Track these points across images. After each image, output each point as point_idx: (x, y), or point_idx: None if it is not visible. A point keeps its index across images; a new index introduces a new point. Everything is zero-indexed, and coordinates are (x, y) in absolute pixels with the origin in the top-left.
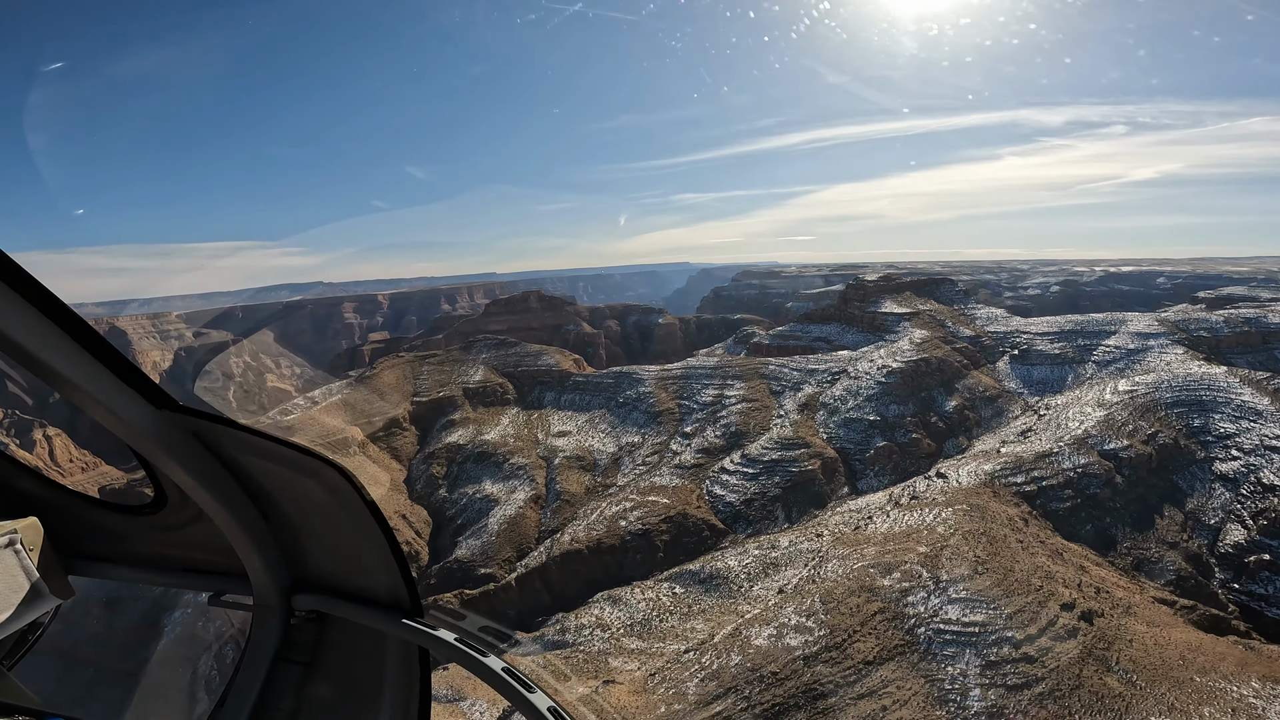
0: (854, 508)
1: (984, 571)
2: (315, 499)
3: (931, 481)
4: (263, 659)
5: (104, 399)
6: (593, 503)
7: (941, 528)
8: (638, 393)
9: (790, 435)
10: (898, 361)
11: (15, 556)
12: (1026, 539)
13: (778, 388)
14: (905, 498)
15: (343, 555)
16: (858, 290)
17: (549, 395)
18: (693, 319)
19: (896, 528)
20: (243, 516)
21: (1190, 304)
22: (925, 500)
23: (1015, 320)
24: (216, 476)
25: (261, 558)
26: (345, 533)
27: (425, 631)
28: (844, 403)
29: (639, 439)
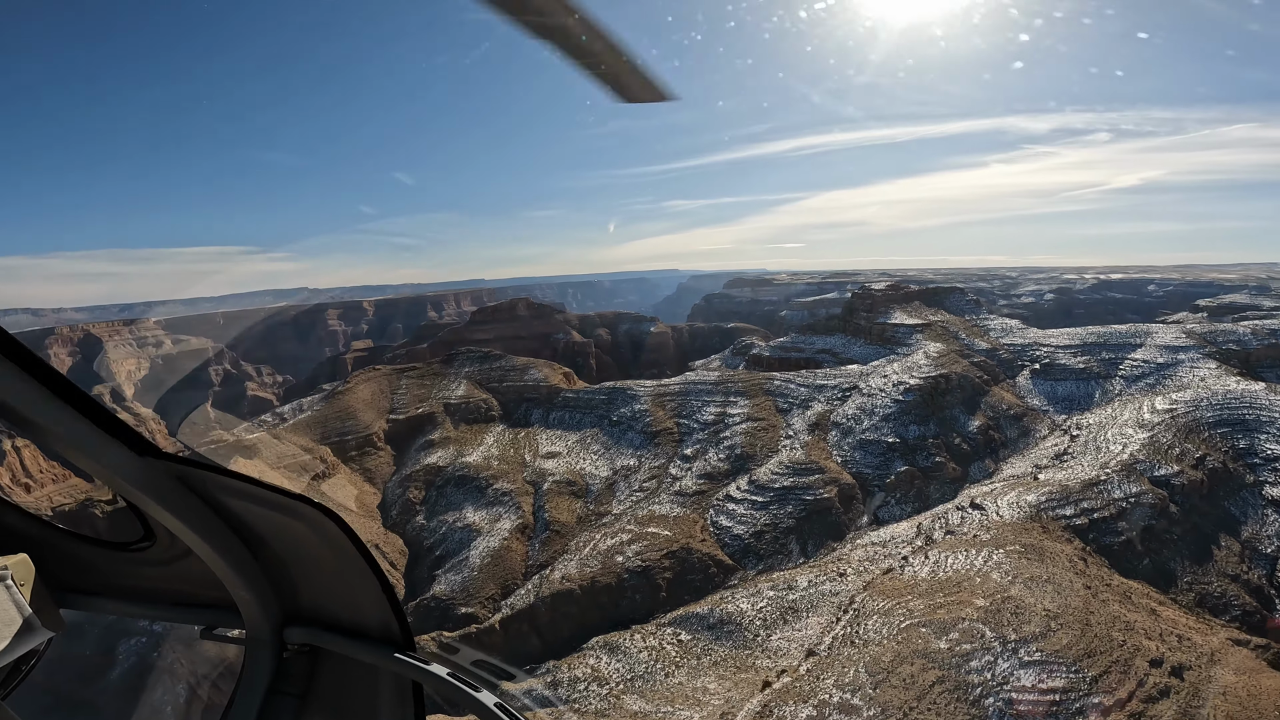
0: (877, 540)
1: (1059, 627)
2: (303, 538)
3: (967, 514)
4: (256, 691)
5: (87, 449)
6: (585, 534)
7: (997, 574)
8: (633, 410)
9: (802, 459)
10: (915, 378)
11: (6, 592)
12: (1092, 583)
13: (784, 405)
14: (938, 531)
15: (333, 590)
16: (864, 300)
17: (536, 412)
18: (685, 328)
19: (941, 572)
20: (231, 555)
21: (1191, 312)
22: (964, 536)
23: (1032, 332)
24: (203, 518)
25: (252, 592)
26: (335, 569)
27: (418, 665)
28: (858, 422)
29: (635, 462)
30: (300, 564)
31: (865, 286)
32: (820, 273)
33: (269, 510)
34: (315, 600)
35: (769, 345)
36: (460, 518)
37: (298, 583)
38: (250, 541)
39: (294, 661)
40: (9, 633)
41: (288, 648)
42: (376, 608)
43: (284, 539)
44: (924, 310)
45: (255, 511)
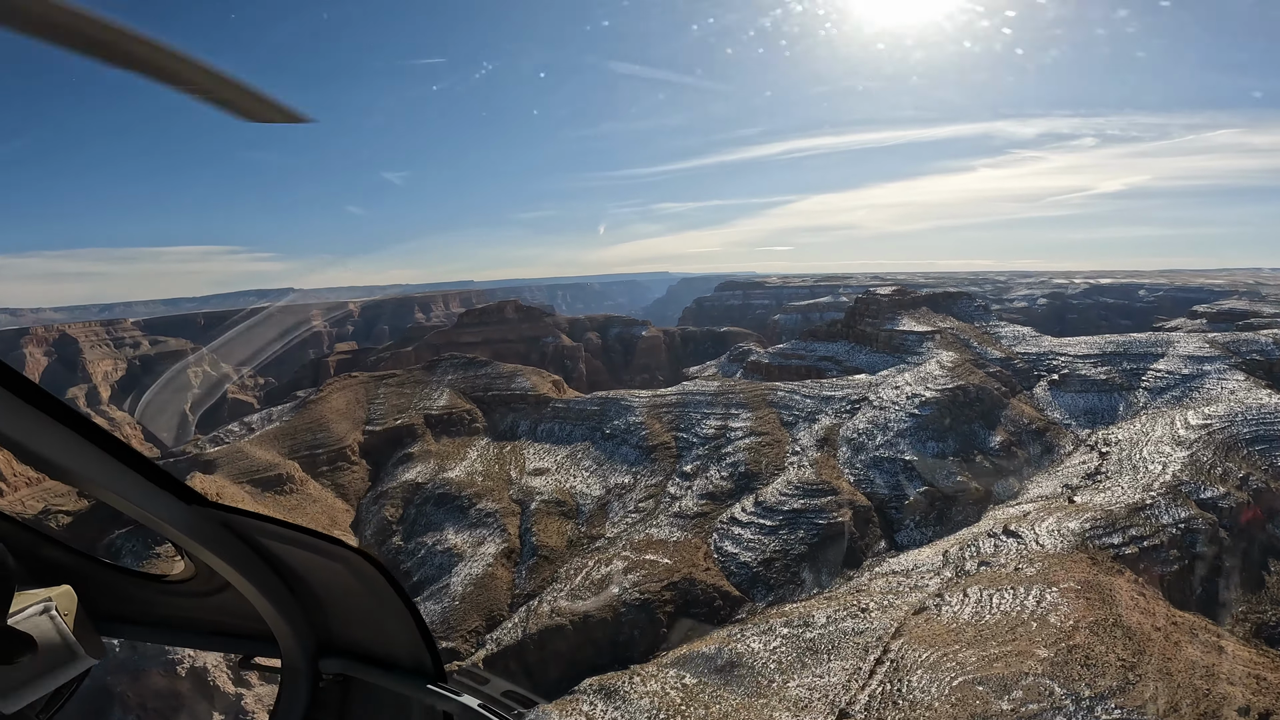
0: (898, 569)
1: (1137, 679)
2: (340, 577)
3: (1001, 542)
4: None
5: (138, 501)
6: (576, 559)
7: (1055, 616)
8: (627, 422)
9: (812, 478)
10: (930, 390)
11: (51, 622)
12: (1160, 622)
13: (789, 418)
14: (969, 561)
15: (367, 623)
16: (869, 305)
17: (524, 424)
18: (677, 331)
19: (987, 614)
20: (270, 591)
21: (1189, 318)
22: (1003, 569)
23: (1047, 340)
24: (245, 558)
25: (288, 624)
26: (369, 604)
27: (449, 697)
28: (870, 438)
29: (629, 479)
30: (336, 600)
31: (869, 291)
32: (811, 275)
33: (309, 553)
34: (350, 632)
35: (768, 352)
36: (440, 540)
37: (332, 616)
38: (288, 579)
39: (328, 691)
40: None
41: (323, 678)
42: (409, 640)
43: (323, 578)
44: (932, 316)
45: (296, 553)
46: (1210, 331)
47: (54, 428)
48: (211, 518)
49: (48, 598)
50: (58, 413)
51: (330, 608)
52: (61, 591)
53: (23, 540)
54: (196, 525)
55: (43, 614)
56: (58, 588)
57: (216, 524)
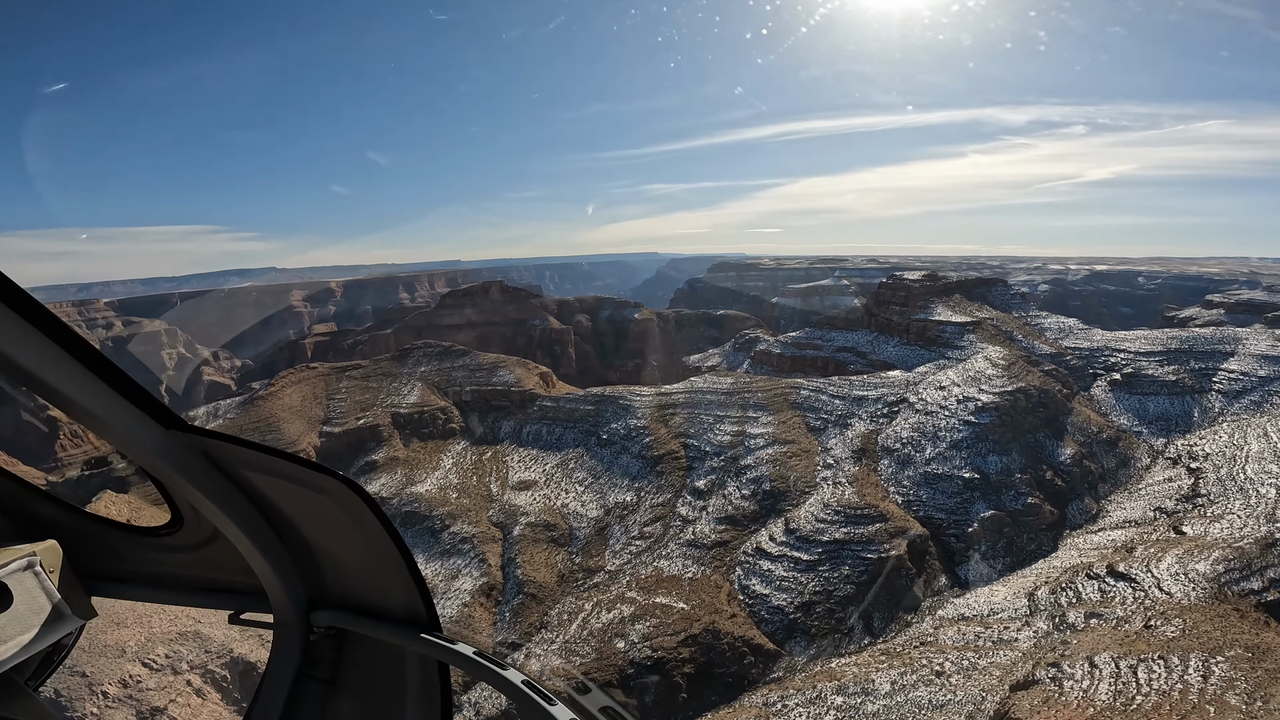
0: (970, 614)
1: None
2: (329, 515)
3: (1109, 586)
4: (285, 676)
5: (113, 421)
6: (570, 600)
7: (1234, 696)
8: (627, 426)
9: (853, 500)
10: (988, 393)
11: (35, 579)
12: None
13: (817, 422)
14: (1072, 612)
15: (359, 572)
16: (895, 291)
17: (507, 425)
18: (671, 314)
19: (1137, 696)
20: (258, 536)
21: (1204, 308)
22: (1128, 627)
23: (1098, 333)
24: (229, 495)
25: (279, 576)
26: (360, 549)
27: (443, 645)
28: (918, 449)
29: (632, 496)
30: (326, 545)
31: (896, 275)
32: (806, 258)
33: (295, 485)
34: (341, 583)
35: (779, 340)
36: None
37: (324, 565)
38: (276, 522)
39: (321, 645)
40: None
41: (314, 631)
42: (402, 589)
43: (310, 517)
44: (966, 305)
45: (281, 487)
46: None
47: (29, 331)
48: (191, 445)
49: (32, 552)
50: (33, 315)
51: (320, 554)
52: (46, 547)
53: (9, 493)
54: (176, 454)
55: (26, 569)
56: (42, 543)
57: (196, 452)
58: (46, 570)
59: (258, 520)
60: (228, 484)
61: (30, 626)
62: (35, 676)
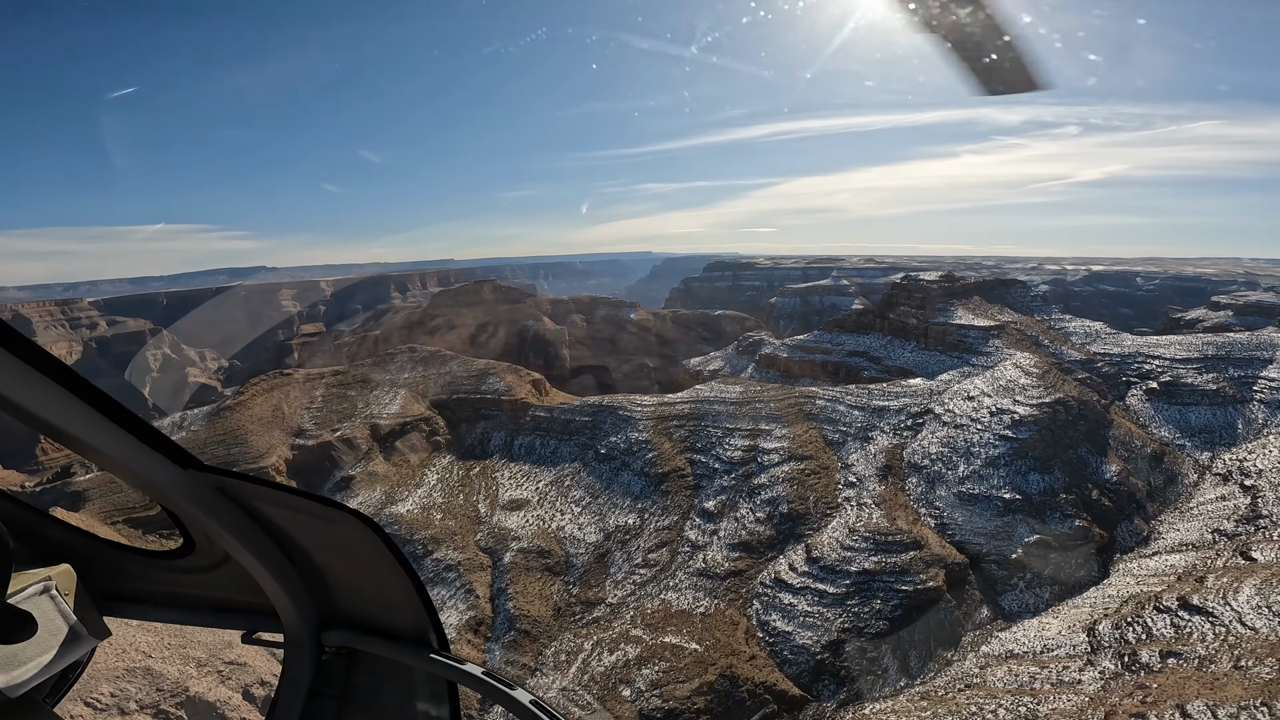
0: (1018, 650)
1: None
2: (339, 544)
3: (1182, 620)
4: (297, 694)
5: (131, 464)
6: (568, 636)
7: None
8: (627, 439)
9: (882, 524)
10: (1024, 404)
11: (52, 602)
12: None
13: (835, 435)
14: (1144, 650)
15: (369, 593)
16: (910, 293)
17: (497, 437)
18: (668, 314)
19: None
20: (270, 561)
21: (1211, 309)
22: (1214, 668)
23: (1128, 338)
24: (243, 526)
25: (290, 597)
26: (370, 572)
27: (452, 665)
28: (950, 466)
29: (634, 518)
30: (337, 568)
31: (910, 276)
32: (804, 257)
33: (307, 518)
34: (351, 603)
35: (785, 344)
36: None
37: (334, 587)
38: (287, 547)
39: (332, 664)
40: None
41: (326, 650)
42: (410, 609)
43: (322, 544)
44: (986, 307)
45: (293, 518)
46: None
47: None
48: (206, 482)
49: (47, 577)
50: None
51: (331, 577)
52: (61, 570)
53: (22, 519)
54: (191, 490)
55: (42, 593)
56: (57, 567)
57: (211, 489)
58: (61, 593)
59: (269, 546)
60: (242, 516)
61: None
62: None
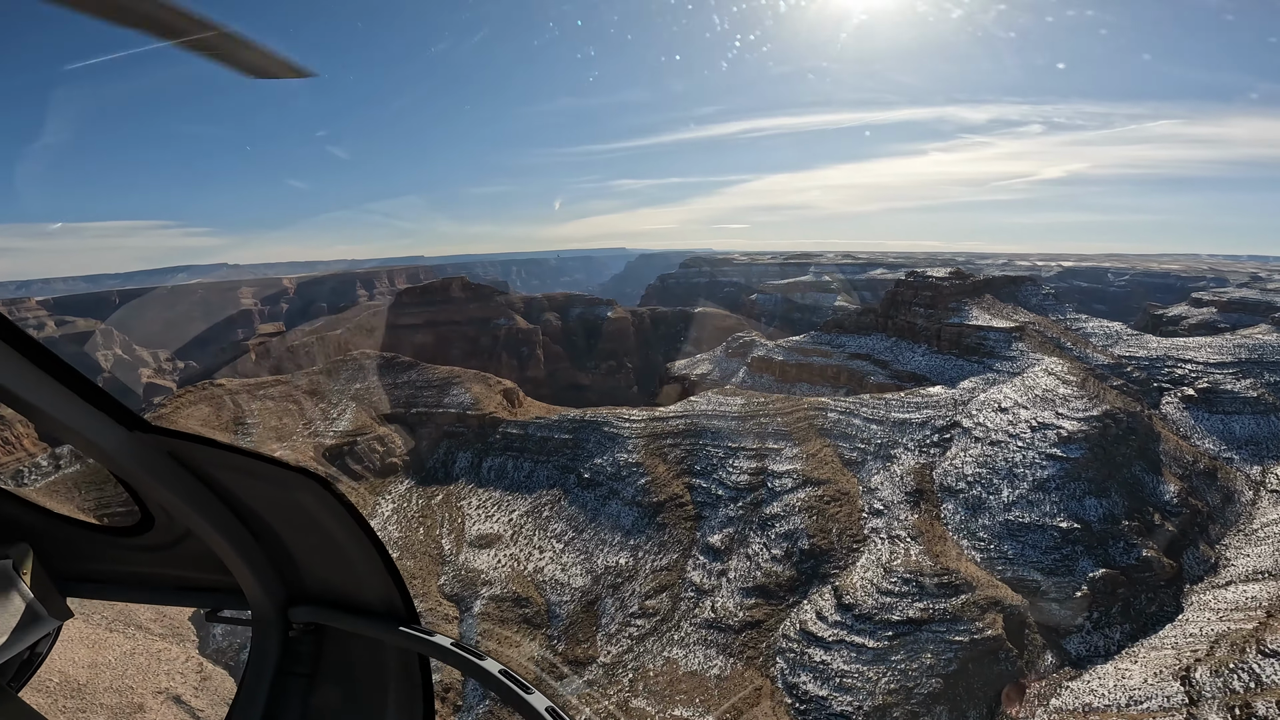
0: (1097, 700)
1: None
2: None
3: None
4: (265, 672)
5: (74, 424)
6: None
7: None
8: (614, 461)
9: (924, 562)
10: (1070, 418)
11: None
12: None
13: (853, 454)
14: (1258, 699)
15: (335, 567)
16: (918, 291)
17: (462, 458)
18: (646, 312)
19: None
20: (231, 534)
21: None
22: None
23: (1152, 340)
24: (199, 496)
25: (254, 573)
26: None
27: (422, 638)
28: (991, 490)
29: (627, 557)
30: (301, 541)
31: (916, 272)
32: (780, 253)
33: (265, 485)
34: (318, 578)
35: (780, 346)
36: None
37: (299, 560)
38: (249, 519)
39: (300, 641)
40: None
41: (293, 627)
42: (379, 582)
43: (283, 514)
44: (999, 306)
45: (251, 486)
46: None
47: None
48: (156, 445)
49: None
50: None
51: (296, 550)
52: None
53: None
54: (141, 456)
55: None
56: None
57: (162, 453)
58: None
59: (230, 519)
60: (197, 484)
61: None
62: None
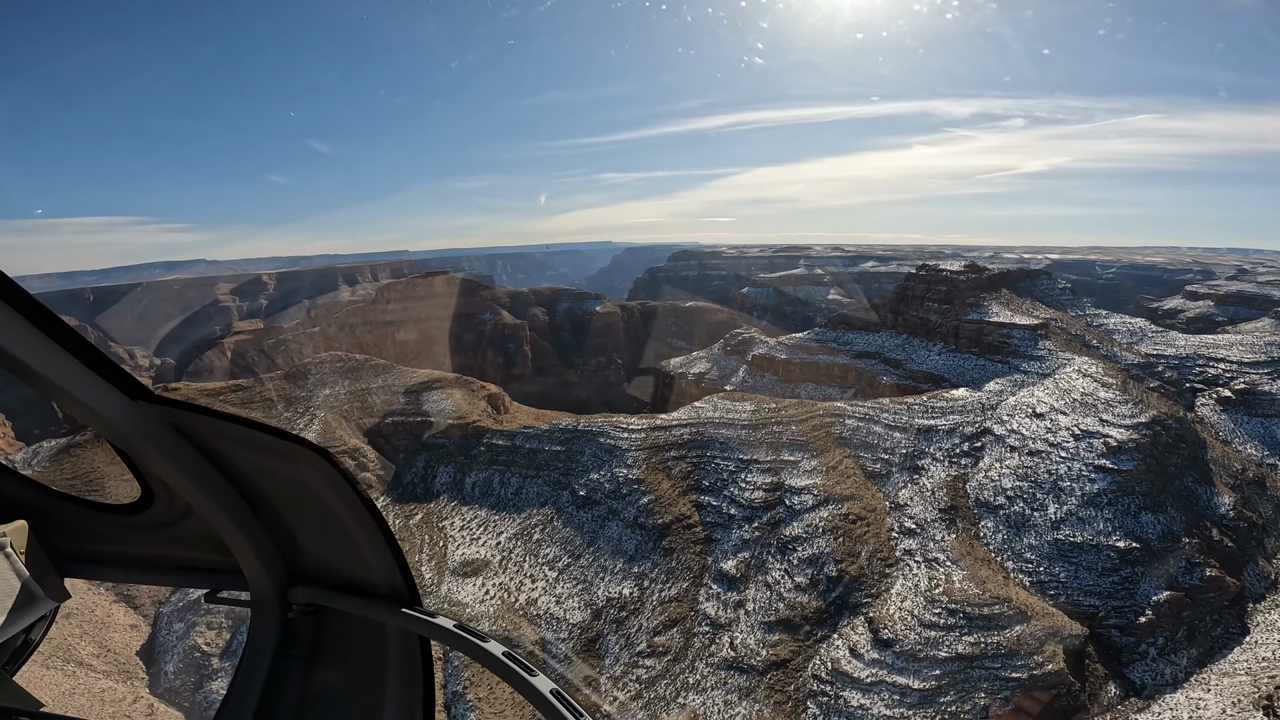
0: None
1: None
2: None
3: None
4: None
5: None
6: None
7: None
8: (613, 477)
9: (970, 588)
10: (1118, 426)
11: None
12: None
13: (875, 465)
14: None
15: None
16: (931, 285)
17: (444, 473)
18: (636, 306)
19: None
20: (233, 511)
21: (1189, 299)
22: None
23: (1179, 337)
24: (201, 470)
25: (255, 552)
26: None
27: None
28: (1035, 505)
29: (631, 586)
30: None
31: (928, 265)
32: (770, 246)
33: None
34: (319, 557)
35: (781, 343)
36: None
37: (300, 540)
38: (250, 494)
39: (300, 623)
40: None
41: (292, 608)
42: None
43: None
44: (1017, 301)
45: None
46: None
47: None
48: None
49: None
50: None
51: (297, 528)
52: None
53: None
54: (143, 426)
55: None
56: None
57: (164, 424)
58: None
59: (231, 494)
60: (199, 457)
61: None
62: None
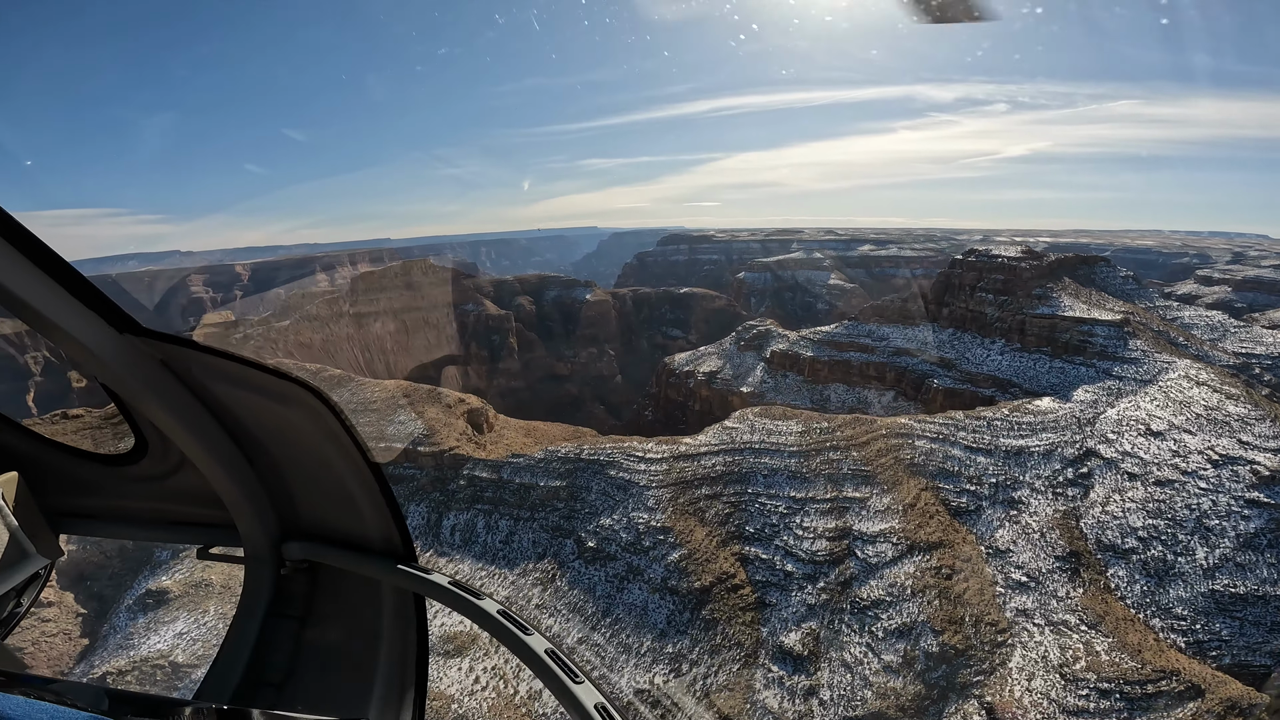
0: None
1: None
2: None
3: None
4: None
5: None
6: None
7: None
8: (630, 522)
9: (1121, 660)
10: (1262, 449)
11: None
12: None
13: (960, 499)
14: None
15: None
16: (982, 273)
17: (416, 512)
18: (628, 294)
19: None
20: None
21: (1203, 284)
22: None
23: (1265, 334)
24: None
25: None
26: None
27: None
28: (1179, 550)
29: (664, 673)
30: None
31: (977, 251)
32: (761, 230)
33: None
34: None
35: (805, 337)
36: None
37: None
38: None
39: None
40: None
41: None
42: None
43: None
44: (1083, 292)
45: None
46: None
47: None
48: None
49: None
50: None
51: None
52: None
53: None
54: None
55: None
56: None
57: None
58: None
59: (225, 441)
60: (191, 398)
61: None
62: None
